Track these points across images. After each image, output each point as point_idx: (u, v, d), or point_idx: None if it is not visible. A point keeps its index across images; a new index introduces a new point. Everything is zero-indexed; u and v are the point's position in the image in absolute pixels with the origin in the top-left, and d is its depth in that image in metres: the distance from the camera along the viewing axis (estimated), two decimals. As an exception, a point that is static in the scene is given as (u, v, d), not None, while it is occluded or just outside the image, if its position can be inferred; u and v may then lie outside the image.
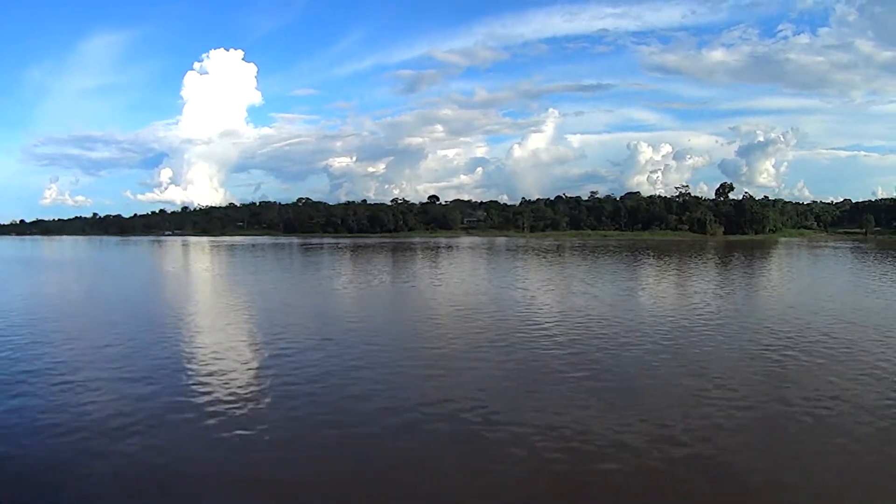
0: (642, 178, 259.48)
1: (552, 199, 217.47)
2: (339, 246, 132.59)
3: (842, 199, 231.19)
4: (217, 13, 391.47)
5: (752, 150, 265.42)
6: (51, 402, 17.41)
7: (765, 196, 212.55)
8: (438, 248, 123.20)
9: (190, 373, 20.70)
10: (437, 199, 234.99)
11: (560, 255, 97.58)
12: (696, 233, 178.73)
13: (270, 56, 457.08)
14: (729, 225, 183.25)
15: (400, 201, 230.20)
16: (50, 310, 36.97)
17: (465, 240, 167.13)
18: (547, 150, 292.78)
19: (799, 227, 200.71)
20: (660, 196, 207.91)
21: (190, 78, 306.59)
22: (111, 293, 47.85)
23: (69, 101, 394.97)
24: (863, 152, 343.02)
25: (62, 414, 16.31)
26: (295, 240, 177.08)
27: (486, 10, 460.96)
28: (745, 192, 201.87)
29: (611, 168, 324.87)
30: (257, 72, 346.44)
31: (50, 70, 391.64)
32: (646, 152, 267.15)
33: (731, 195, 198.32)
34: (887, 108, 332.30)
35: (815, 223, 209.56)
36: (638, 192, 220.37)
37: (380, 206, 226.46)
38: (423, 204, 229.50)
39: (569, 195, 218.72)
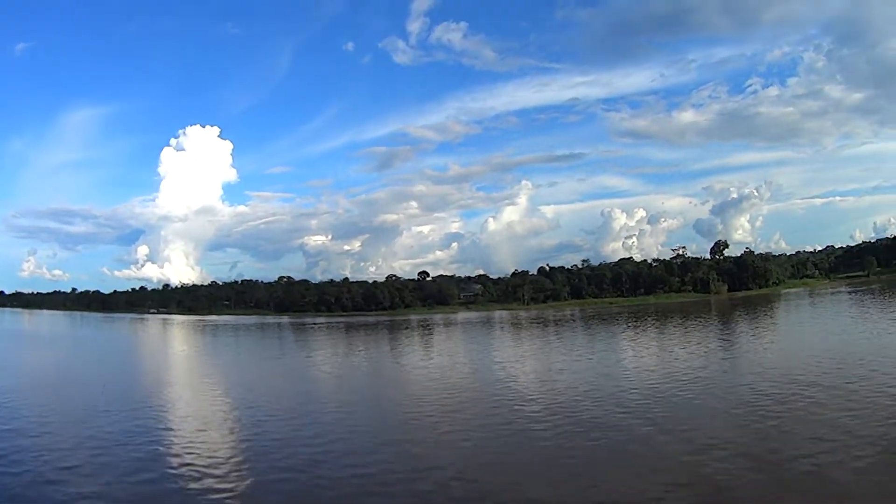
0: (617, 244, 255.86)
1: (548, 269, 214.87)
2: (339, 326, 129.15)
3: (824, 247, 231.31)
4: (195, 89, 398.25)
5: (726, 208, 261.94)
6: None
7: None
8: (439, 325, 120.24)
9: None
10: (427, 274, 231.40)
11: (571, 326, 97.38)
12: (700, 293, 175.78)
13: (246, 133, 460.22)
14: (732, 282, 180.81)
15: (393, 278, 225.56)
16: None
17: (464, 315, 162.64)
18: (521, 222, 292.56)
19: (802, 277, 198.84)
20: (659, 259, 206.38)
21: (167, 154, 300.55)
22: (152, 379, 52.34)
23: (48, 174, 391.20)
24: (838, 197, 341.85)
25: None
26: (286, 319, 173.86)
27: (457, 84, 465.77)
28: (746, 248, 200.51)
29: (585, 236, 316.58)
30: (233, 149, 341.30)
31: (30, 142, 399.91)
32: (620, 218, 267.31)
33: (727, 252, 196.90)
34: (860, 150, 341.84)
35: (816, 271, 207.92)
36: (631, 257, 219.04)
37: (374, 284, 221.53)
38: (418, 280, 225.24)
39: (552, 265, 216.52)
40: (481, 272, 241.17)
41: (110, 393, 42.07)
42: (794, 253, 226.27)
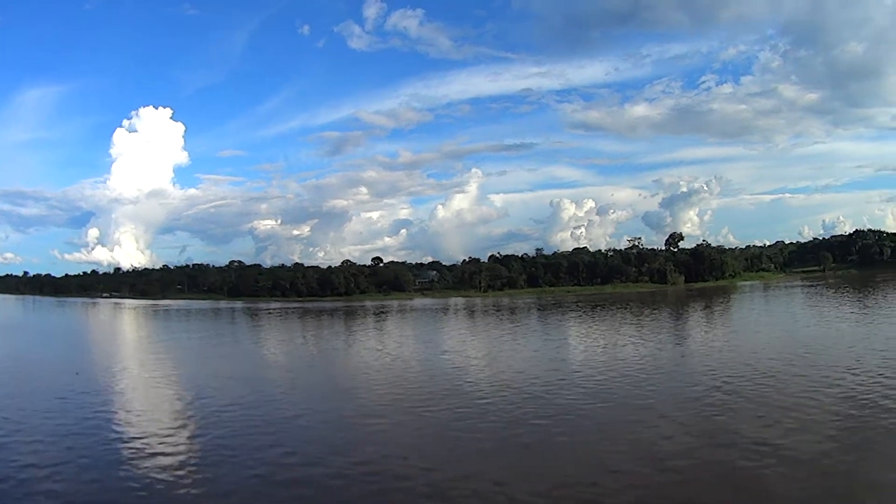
0: (566, 234, 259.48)
1: (499, 256, 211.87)
2: (295, 312, 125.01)
3: (774, 242, 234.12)
4: (150, 69, 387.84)
5: (675, 201, 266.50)
6: None
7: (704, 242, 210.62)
8: (396, 312, 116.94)
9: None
10: (381, 260, 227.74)
11: (529, 314, 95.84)
12: (658, 283, 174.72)
13: (198, 115, 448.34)
14: (688, 273, 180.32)
15: (348, 263, 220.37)
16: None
17: (421, 301, 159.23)
18: (471, 209, 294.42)
19: (757, 271, 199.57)
20: (613, 249, 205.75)
21: (119, 135, 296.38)
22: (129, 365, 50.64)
23: (1, 155, 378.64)
24: (788, 194, 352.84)
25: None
26: (240, 304, 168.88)
27: (412, 71, 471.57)
28: (703, 241, 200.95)
29: (534, 226, 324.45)
30: (185, 131, 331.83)
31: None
32: (569, 209, 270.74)
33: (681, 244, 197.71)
34: (811, 149, 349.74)
35: (771, 265, 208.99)
36: (586, 247, 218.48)
37: (330, 269, 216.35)
38: (372, 266, 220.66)
39: (504, 254, 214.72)
40: (430, 259, 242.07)
41: (67, 380, 40.70)
42: (745, 247, 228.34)
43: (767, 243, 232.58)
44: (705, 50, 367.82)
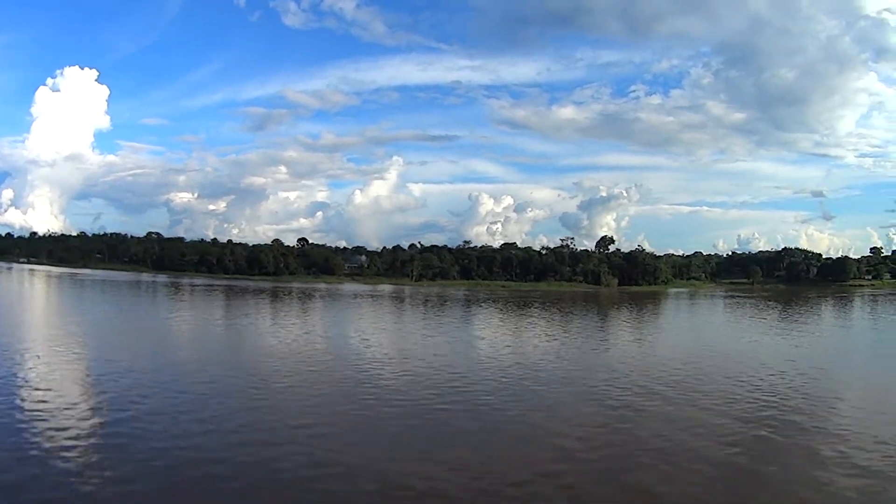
0: (482, 228, 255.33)
1: (419, 246, 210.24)
2: (221, 289, 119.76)
3: (692, 252, 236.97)
4: (78, 28, 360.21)
5: (593, 205, 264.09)
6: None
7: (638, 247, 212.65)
8: (329, 296, 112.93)
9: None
10: (307, 241, 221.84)
11: (465, 306, 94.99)
12: (591, 284, 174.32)
13: (124, 80, 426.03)
14: (621, 276, 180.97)
15: (278, 242, 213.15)
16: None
17: (351, 287, 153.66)
18: (388, 197, 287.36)
19: (688, 279, 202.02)
20: (548, 247, 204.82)
21: (41, 94, 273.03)
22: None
23: None
24: (705, 207, 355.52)
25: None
26: (164, 277, 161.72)
27: (342, 53, 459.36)
28: (638, 246, 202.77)
29: (451, 218, 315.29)
30: (109, 95, 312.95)
31: None
32: (487, 203, 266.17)
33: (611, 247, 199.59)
34: (732, 166, 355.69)
35: (701, 274, 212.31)
36: (515, 242, 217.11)
37: (259, 247, 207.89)
38: (301, 247, 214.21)
39: (424, 244, 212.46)
40: (344, 244, 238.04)
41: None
42: (661, 255, 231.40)
43: (683, 252, 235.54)
44: (638, 60, 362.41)
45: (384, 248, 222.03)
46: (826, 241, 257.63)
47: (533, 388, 32.47)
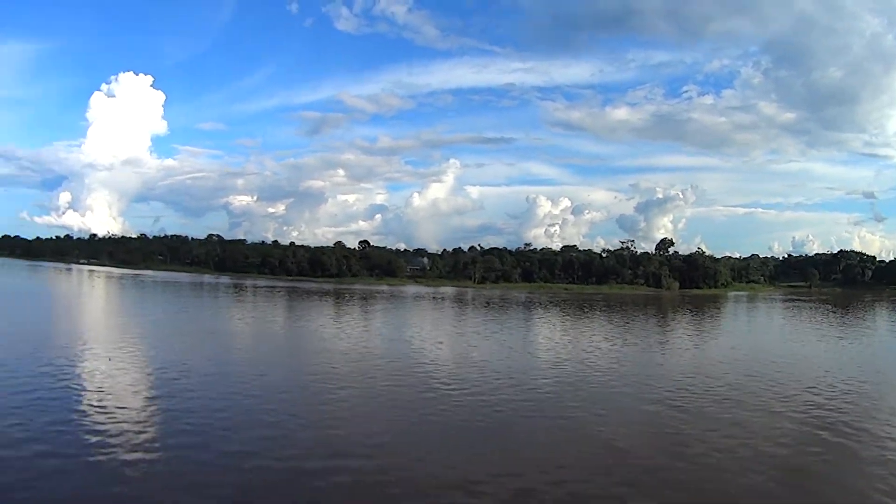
0: (540, 231, 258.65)
1: (479, 248, 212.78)
2: (286, 290, 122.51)
3: (749, 255, 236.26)
4: (132, 34, 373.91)
5: (650, 207, 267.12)
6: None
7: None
8: (394, 298, 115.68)
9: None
10: (368, 243, 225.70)
11: (535, 309, 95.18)
12: (653, 287, 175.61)
13: (179, 85, 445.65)
14: (682, 279, 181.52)
15: (340, 244, 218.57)
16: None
17: (415, 289, 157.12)
18: (446, 200, 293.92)
19: (747, 282, 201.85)
20: (608, 250, 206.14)
21: (96, 99, 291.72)
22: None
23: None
24: (760, 209, 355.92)
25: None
26: (225, 279, 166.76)
27: (395, 57, 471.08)
28: (697, 248, 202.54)
29: (508, 220, 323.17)
30: (165, 100, 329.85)
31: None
32: (544, 206, 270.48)
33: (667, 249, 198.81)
34: (786, 167, 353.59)
35: (760, 277, 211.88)
36: (574, 245, 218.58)
37: (322, 249, 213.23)
38: (362, 249, 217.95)
39: (483, 246, 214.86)
40: (403, 246, 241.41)
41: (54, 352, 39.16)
42: (720, 257, 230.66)
43: (739, 255, 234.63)
44: (689, 60, 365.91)
45: (444, 250, 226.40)
46: (878, 243, 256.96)
47: (604, 392, 34.08)
